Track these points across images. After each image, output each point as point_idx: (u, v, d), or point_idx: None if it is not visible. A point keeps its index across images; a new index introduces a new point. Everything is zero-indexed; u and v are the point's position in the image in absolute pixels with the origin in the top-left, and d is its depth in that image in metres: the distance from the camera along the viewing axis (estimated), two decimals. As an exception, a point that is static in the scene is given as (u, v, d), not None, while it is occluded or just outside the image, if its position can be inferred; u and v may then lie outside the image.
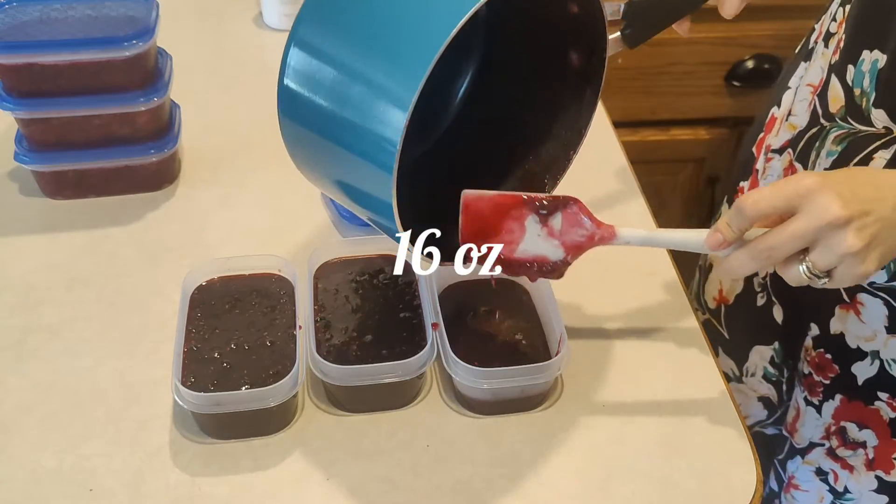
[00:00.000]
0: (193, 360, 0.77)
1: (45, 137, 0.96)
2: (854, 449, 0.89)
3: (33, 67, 0.91)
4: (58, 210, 0.99)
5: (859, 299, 0.85)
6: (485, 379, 0.75)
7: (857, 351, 0.87)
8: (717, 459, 0.75)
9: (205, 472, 0.73)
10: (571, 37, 0.78)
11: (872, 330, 0.85)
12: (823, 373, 0.90)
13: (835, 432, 0.90)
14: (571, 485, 0.73)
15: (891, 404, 0.86)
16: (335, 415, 0.78)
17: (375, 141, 0.64)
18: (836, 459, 0.91)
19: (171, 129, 1.01)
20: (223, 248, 0.93)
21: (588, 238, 0.71)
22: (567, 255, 0.72)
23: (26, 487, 0.72)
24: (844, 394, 0.89)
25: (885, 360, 0.85)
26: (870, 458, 0.88)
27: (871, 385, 0.86)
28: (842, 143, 0.83)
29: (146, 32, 0.93)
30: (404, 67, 0.62)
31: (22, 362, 0.82)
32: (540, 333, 0.82)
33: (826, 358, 0.90)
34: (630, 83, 1.54)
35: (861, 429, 0.88)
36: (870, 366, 0.86)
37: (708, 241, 0.67)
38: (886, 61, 0.78)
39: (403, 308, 0.83)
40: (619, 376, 0.82)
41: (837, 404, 0.90)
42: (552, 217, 0.71)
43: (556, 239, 0.71)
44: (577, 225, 0.71)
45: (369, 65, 0.65)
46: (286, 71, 0.68)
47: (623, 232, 0.71)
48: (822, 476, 0.93)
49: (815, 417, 0.92)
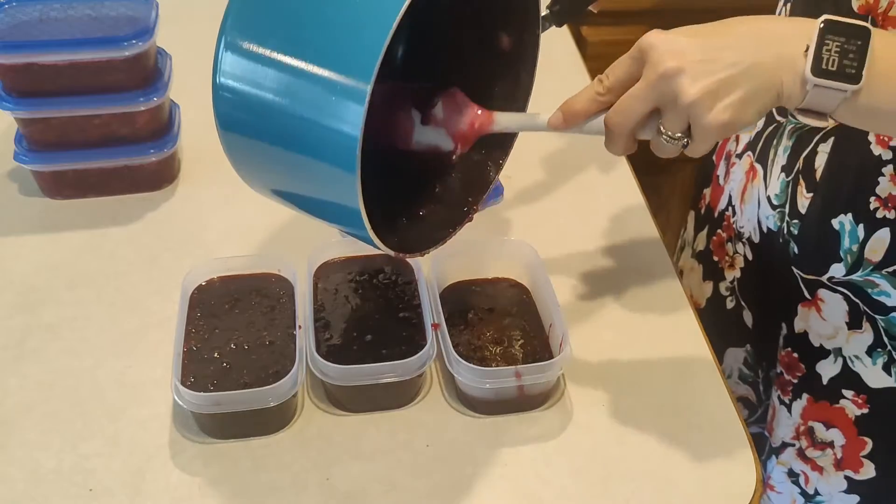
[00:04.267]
0: (193, 360, 0.77)
1: (45, 137, 0.96)
2: (822, 449, 0.90)
3: (33, 67, 0.91)
4: (58, 210, 0.99)
5: (819, 295, 0.86)
6: (487, 378, 0.75)
7: (821, 350, 0.87)
8: (716, 459, 0.75)
9: (205, 472, 0.73)
10: (500, 17, 0.77)
11: (834, 327, 0.85)
12: (792, 372, 0.91)
13: (804, 432, 0.91)
14: (572, 484, 0.73)
15: (855, 402, 0.86)
16: (335, 415, 0.78)
17: (334, 139, 0.61)
18: (806, 461, 0.92)
19: (171, 129, 1.01)
20: (223, 248, 0.93)
21: (469, 123, 0.71)
22: (457, 145, 0.72)
23: (26, 487, 0.72)
24: (810, 393, 0.89)
25: (848, 357, 0.85)
26: (838, 457, 0.89)
27: (835, 383, 0.87)
28: (792, 138, 0.84)
29: (146, 32, 0.93)
30: (354, 57, 0.59)
31: (22, 362, 0.82)
32: (541, 333, 0.82)
33: (794, 357, 0.90)
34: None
35: (828, 428, 0.89)
36: (833, 364, 0.86)
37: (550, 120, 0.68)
38: None
39: (403, 308, 0.83)
40: (619, 376, 0.82)
41: (805, 404, 0.90)
42: (435, 108, 0.71)
43: (441, 127, 0.72)
44: (457, 112, 0.71)
45: (316, 59, 0.61)
46: (220, 80, 0.65)
47: (501, 117, 0.72)
48: (794, 478, 0.94)
49: (786, 416, 0.93)
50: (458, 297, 0.85)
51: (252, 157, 0.69)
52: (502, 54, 0.79)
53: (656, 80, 0.61)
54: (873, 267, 0.81)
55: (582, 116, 0.66)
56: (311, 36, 0.62)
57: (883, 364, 0.83)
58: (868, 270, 0.81)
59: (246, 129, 0.66)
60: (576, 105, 0.66)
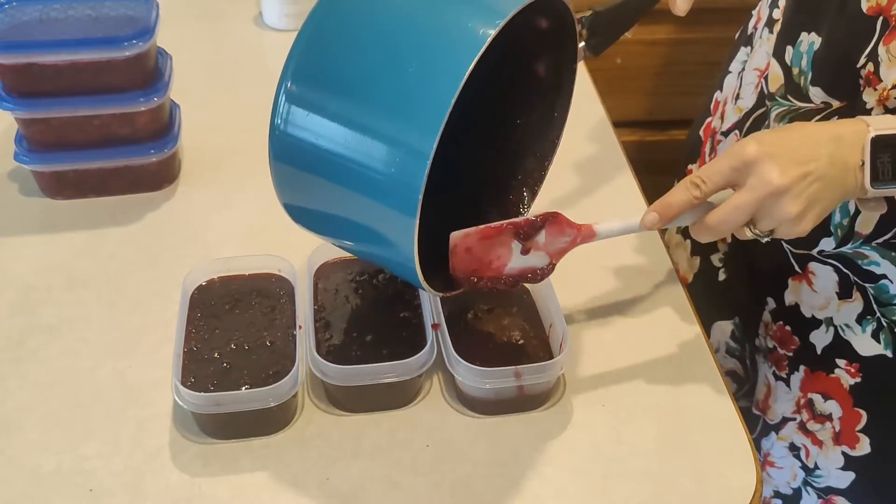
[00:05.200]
0: (193, 360, 0.77)
1: (45, 137, 0.96)
2: (822, 422, 0.91)
3: (33, 67, 0.91)
4: (58, 210, 0.99)
5: (810, 269, 0.87)
6: (487, 379, 0.75)
7: (812, 320, 0.89)
8: (716, 459, 0.75)
9: (205, 472, 0.73)
10: (536, 48, 0.78)
11: (825, 297, 0.87)
12: (786, 346, 0.92)
13: (804, 405, 0.92)
14: (572, 484, 0.73)
15: (848, 370, 0.87)
16: (335, 415, 0.78)
17: (398, 191, 0.62)
18: (807, 434, 0.93)
19: (171, 129, 1.01)
20: (223, 248, 0.93)
21: (571, 242, 0.74)
22: (552, 260, 0.75)
23: (26, 488, 0.72)
24: (807, 365, 0.91)
25: (839, 326, 0.87)
26: (836, 430, 0.90)
27: (828, 353, 0.88)
28: (784, 120, 0.86)
29: (146, 32, 0.93)
30: (421, 117, 0.61)
31: (22, 362, 0.82)
32: (541, 333, 0.82)
33: (786, 330, 0.92)
34: (630, 83, 1.54)
35: (826, 400, 0.90)
36: (825, 333, 0.88)
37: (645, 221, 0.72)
38: (821, 44, 0.81)
39: (403, 308, 0.83)
40: (619, 376, 0.82)
41: (802, 375, 0.92)
42: (537, 234, 0.73)
43: (542, 251, 0.74)
44: (560, 235, 0.74)
45: (382, 119, 0.63)
46: (280, 125, 0.67)
47: (601, 228, 0.75)
48: (795, 452, 0.95)
49: (785, 391, 0.94)
50: (458, 297, 0.85)
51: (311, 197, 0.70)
52: (538, 86, 0.80)
53: (765, 197, 0.67)
54: (863, 240, 0.82)
55: (676, 217, 0.72)
56: (377, 95, 0.63)
57: (872, 332, 0.85)
58: (858, 243, 0.83)
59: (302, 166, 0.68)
60: (672, 209, 0.71)
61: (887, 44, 0.75)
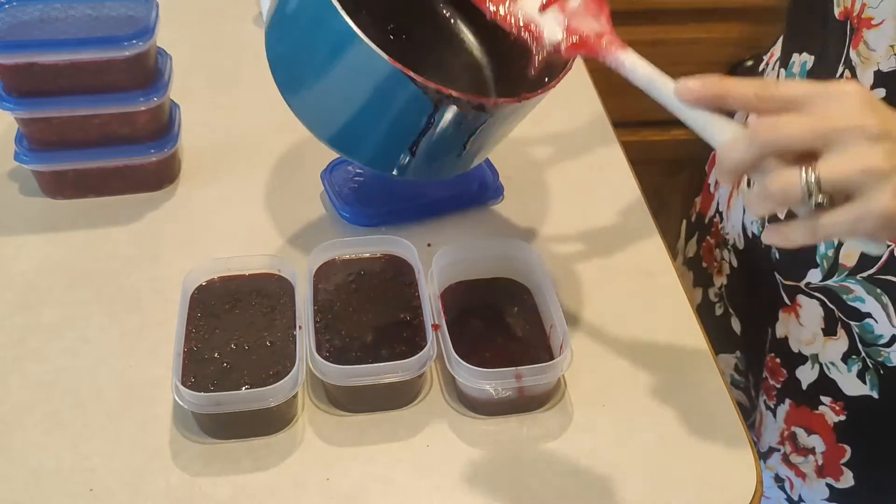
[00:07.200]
0: (193, 360, 0.77)
1: (45, 137, 0.96)
2: (805, 455, 0.90)
3: (33, 67, 0.91)
4: (58, 210, 0.99)
5: (798, 301, 0.86)
6: (488, 380, 0.75)
7: (799, 355, 0.88)
8: (716, 460, 0.75)
9: (205, 472, 0.73)
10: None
11: (811, 333, 0.86)
12: (776, 377, 0.91)
13: (788, 437, 0.92)
14: (572, 485, 0.73)
15: (833, 408, 0.86)
16: (335, 415, 0.78)
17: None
18: (791, 466, 0.92)
19: (171, 129, 1.01)
20: (223, 248, 0.93)
21: (597, 35, 0.58)
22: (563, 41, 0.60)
23: (26, 487, 0.72)
24: (792, 398, 0.90)
25: (824, 364, 0.86)
26: (819, 464, 0.89)
27: (814, 389, 0.87)
28: None
29: (146, 32, 0.93)
30: None
31: (22, 362, 0.82)
32: (542, 334, 0.82)
33: (776, 362, 0.91)
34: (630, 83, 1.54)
35: (809, 434, 0.89)
36: (811, 370, 0.87)
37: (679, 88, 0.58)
38: (814, 61, 0.81)
39: (403, 308, 0.83)
40: (619, 377, 0.82)
41: (787, 408, 0.91)
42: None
43: (563, 15, 0.60)
44: (596, 14, 0.59)
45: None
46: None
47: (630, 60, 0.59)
48: (780, 483, 0.94)
49: (772, 421, 0.93)
50: (458, 297, 0.85)
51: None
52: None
53: (851, 127, 0.51)
54: (848, 272, 0.81)
55: (724, 98, 0.55)
56: None
57: (857, 371, 0.83)
58: (843, 276, 0.81)
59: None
60: (727, 83, 0.55)
61: (855, 47, 0.74)
